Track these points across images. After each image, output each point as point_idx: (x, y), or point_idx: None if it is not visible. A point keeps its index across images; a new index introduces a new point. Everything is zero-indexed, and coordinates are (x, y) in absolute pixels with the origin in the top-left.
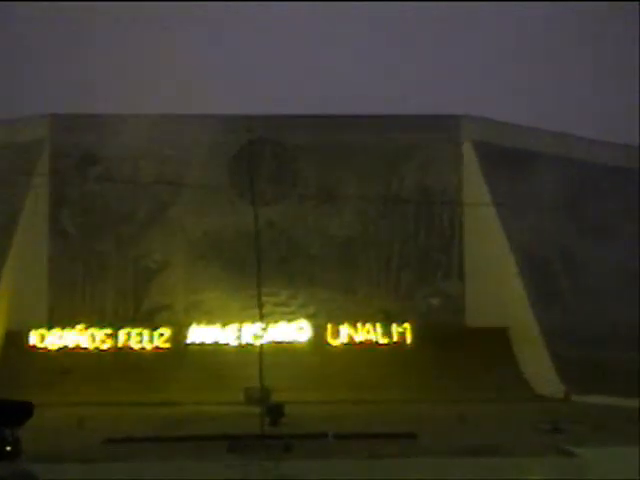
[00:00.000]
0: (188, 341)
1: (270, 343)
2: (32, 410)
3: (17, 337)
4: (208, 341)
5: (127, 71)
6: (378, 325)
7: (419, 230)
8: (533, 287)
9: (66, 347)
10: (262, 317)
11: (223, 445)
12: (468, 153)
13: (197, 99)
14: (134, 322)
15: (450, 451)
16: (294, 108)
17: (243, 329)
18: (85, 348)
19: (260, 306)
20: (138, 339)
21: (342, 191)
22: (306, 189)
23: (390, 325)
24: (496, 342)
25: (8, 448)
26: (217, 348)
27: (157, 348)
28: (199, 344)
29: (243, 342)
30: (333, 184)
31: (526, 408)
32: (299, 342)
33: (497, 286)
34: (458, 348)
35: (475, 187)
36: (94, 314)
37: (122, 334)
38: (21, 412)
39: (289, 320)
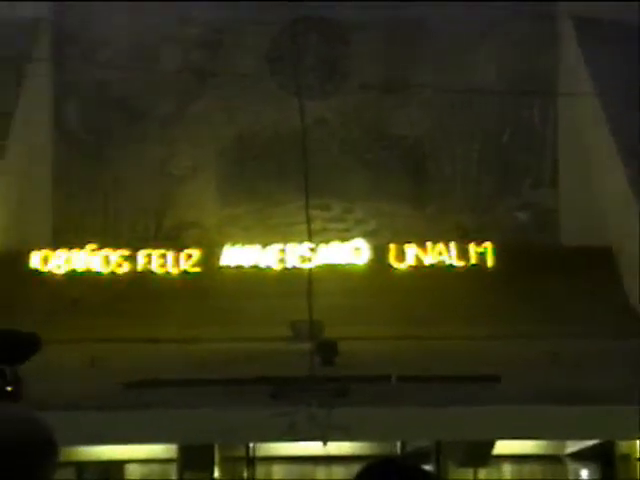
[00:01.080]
0: (221, 264)
1: (321, 266)
2: (38, 343)
3: (15, 259)
4: (246, 264)
5: None
6: (452, 244)
7: (503, 127)
8: None
9: (74, 271)
10: (311, 235)
11: (266, 390)
12: (566, 30)
13: None
14: (156, 241)
15: (539, 397)
16: None
17: (288, 249)
18: (97, 273)
19: (308, 222)
20: (161, 262)
21: (408, 80)
22: (363, 78)
23: (467, 244)
24: (598, 265)
25: (9, 388)
26: (257, 272)
27: (184, 272)
28: (235, 267)
29: (288, 265)
30: (397, 72)
31: (634, 346)
32: (356, 265)
33: (600, 196)
34: (551, 272)
35: (573, 73)
36: (108, 232)
37: (142, 256)
38: (24, 346)
39: (343, 239)
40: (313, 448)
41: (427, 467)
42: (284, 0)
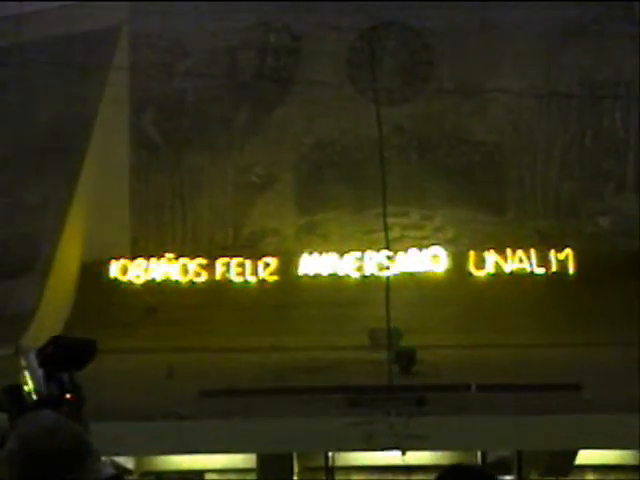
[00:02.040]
0: (299, 272)
1: (399, 275)
2: (94, 350)
3: (94, 269)
4: (324, 272)
5: None
6: (532, 251)
7: (584, 132)
8: None
9: (153, 281)
10: (389, 243)
11: (344, 398)
12: None
13: None
14: (234, 250)
15: (622, 406)
16: None
17: (366, 257)
18: (175, 281)
19: (386, 229)
20: (239, 270)
21: (488, 85)
22: (442, 84)
23: (548, 251)
24: None
25: (68, 396)
26: (334, 281)
27: (262, 281)
28: (312, 276)
29: (366, 273)
30: (477, 77)
31: None
32: (434, 273)
33: None
34: (633, 278)
35: None
36: (186, 241)
37: (219, 265)
38: (81, 353)
39: (422, 246)
40: (392, 457)
41: (508, 477)
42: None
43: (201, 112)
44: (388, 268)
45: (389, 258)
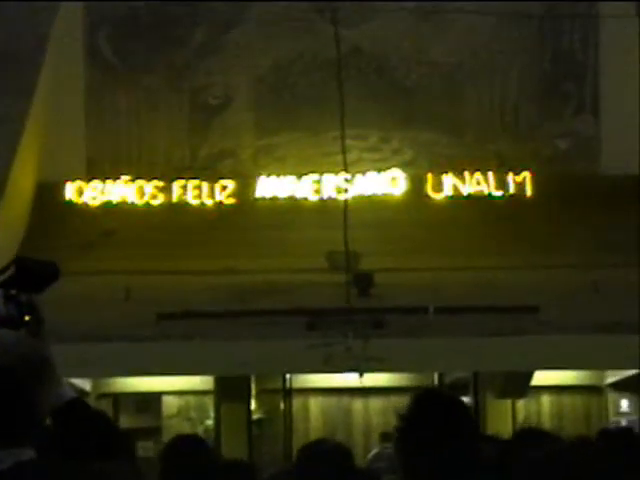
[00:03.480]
0: (257, 195)
1: (357, 197)
2: (56, 273)
3: (49, 190)
4: (281, 195)
5: None
6: (491, 174)
7: (543, 53)
8: None
9: (109, 203)
10: (347, 165)
11: (302, 321)
12: None
13: None
14: (191, 172)
15: (579, 327)
16: None
17: (324, 180)
18: (132, 204)
19: (344, 151)
20: (196, 193)
21: (447, 6)
22: (400, 4)
23: (506, 173)
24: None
25: (27, 317)
26: (292, 203)
27: (219, 204)
28: (270, 198)
29: (324, 196)
30: None
31: None
32: (392, 196)
33: None
34: (592, 202)
35: None
36: (142, 163)
37: (177, 187)
38: (43, 275)
39: (380, 169)
40: (349, 380)
41: (465, 398)
42: None
43: (157, 33)
44: (346, 191)
45: (347, 181)
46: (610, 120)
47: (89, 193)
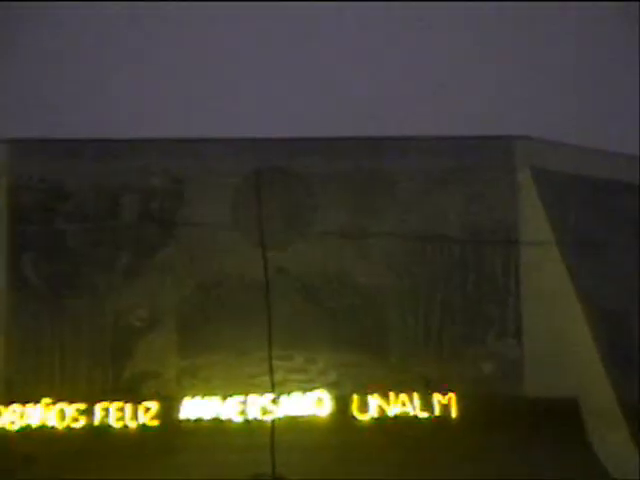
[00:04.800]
0: (181, 417)
1: (283, 418)
2: None
3: None
4: (206, 417)
5: (107, 88)
6: (416, 395)
7: (466, 277)
8: (607, 347)
9: (29, 427)
10: (273, 386)
11: None
12: (525, 182)
13: (190, 120)
14: (114, 394)
15: None
16: (310, 130)
17: (249, 401)
18: (53, 428)
19: (271, 372)
20: (119, 415)
21: (370, 229)
22: (325, 227)
23: (431, 395)
24: (564, 416)
25: None
26: (217, 425)
27: (143, 426)
28: (195, 421)
29: (250, 417)
30: (359, 221)
31: None
32: (318, 417)
33: (564, 347)
34: (517, 425)
35: (534, 224)
36: (64, 385)
37: (99, 409)
38: None
39: (306, 390)
40: None
41: None
42: None
43: (82, 255)
44: (273, 412)
45: (274, 402)
46: (532, 343)
47: (8, 417)
